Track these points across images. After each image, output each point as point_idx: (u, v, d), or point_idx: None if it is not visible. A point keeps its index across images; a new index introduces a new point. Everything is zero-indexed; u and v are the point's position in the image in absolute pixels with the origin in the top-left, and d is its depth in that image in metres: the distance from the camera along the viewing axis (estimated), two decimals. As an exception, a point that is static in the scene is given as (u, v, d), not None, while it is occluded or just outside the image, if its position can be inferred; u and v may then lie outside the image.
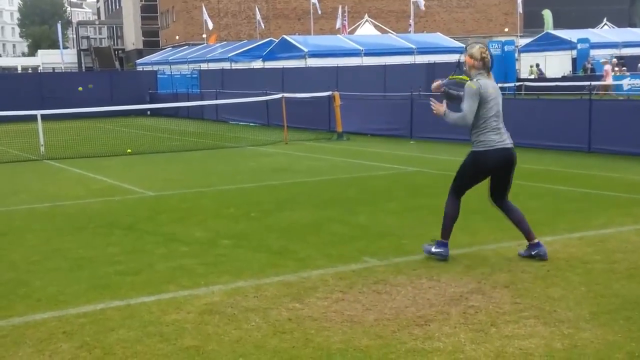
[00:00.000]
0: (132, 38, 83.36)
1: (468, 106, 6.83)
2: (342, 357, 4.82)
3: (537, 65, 42.16)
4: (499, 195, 7.20)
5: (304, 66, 36.85)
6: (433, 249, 7.13)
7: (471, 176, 7.13)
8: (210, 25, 58.65)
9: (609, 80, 33.72)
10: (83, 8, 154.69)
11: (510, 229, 8.45)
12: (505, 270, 6.73)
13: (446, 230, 7.15)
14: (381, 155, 16.62)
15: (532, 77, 40.15)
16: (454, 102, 7.25)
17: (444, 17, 74.95)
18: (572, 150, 16.00)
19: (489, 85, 6.90)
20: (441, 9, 75.04)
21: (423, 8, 51.29)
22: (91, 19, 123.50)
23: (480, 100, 6.82)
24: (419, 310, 5.69)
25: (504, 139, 6.95)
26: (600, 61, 36.39)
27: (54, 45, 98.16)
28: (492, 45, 39.67)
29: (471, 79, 6.94)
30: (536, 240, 7.10)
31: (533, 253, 7.04)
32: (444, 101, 7.25)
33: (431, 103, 7.28)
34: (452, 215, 7.18)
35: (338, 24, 54.53)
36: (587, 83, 29.44)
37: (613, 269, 6.73)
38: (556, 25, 59.99)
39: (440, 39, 45.74)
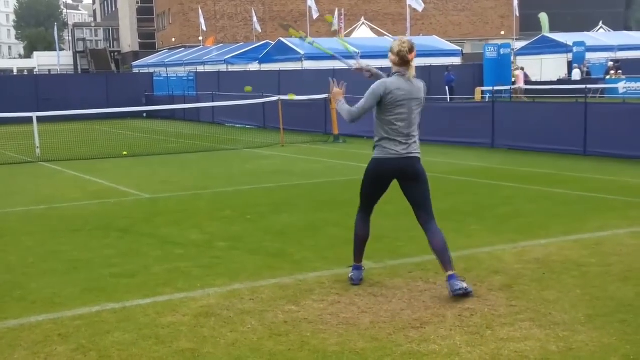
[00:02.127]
0: (128, 40, 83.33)
1: (361, 104, 6.21)
2: (337, 360, 4.83)
3: (522, 68, 42.01)
4: (418, 213, 6.32)
5: (300, 69, 36.88)
6: (349, 274, 6.55)
7: (369, 185, 6.40)
8: (204, 27, 58.59)
9: (521, 85, 33.99)
10: (79, 10, 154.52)
11: (505, 232, 8.48)
12: (501, 273, 6.74)
13: (356, 253, 6.54)
14: (377, 158, 16.63)
15: (512, 80, 40.12)
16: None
17: (440, 20, 75.07)
18: (567, 153, 16.02)
19: (401, 87, 6.11)
20: (437, 12, 75.14)
21: (423, 6, 51.15)
22: (87, 21, 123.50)
23: (382, 103, 6.12)
24: (414, 313, 5.69)
25: (408, 150, 6.15)
26: (513, 67, 36.70)
27: (50, 47, 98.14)
28: (488, 48, 39.80)
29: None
30: (450, 273, 6.08)
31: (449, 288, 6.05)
32: (344, 85, 6.63)
33: (330, 81, 6.71)
34: (360, 235, 6.52)
35: (334, 26, 54.49)
36: (583, 86, 29.57)
37: (608, 271, 6.74)
38: (552, 29, 60.12)
39: (436, 41, 45.84)
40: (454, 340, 5.10)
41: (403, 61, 6.13)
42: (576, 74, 39.81)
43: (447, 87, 32.66)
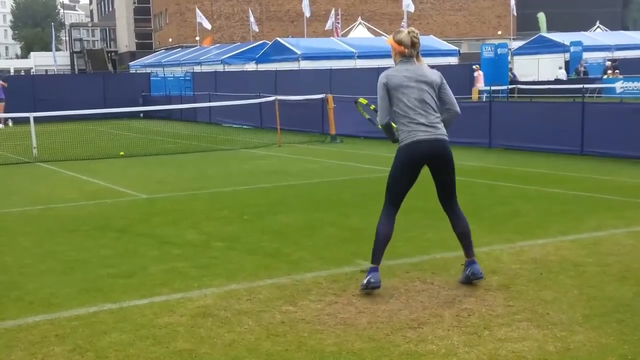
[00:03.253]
0: (125, 40, 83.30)
1: (378, 106, 6.26)
2: (335, 360, 4.82)
3: (510, 69, 41.90)
4: (444, 197, 6.40)
5: (297, 68, 36.87)
6: (367, 279, 6.15)
7: (400, 173, 6.22)
8: (209, 26, 58.55)
9: (480, 86, 33.99)
10: (76, 10, 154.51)
11: (503, 232, 8.48)
12: (498, 273, 6.74)
13: (378, 253, 6.21)
14: (375, 158, 16.62)
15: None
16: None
17: (437, 19, 75.13)
18: (564, 152, 16.03)
19: (402, 71, 6.16)
20: (434, 11, 75.22)
21: (412, 10, 51.32)
22: (84, 21, 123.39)
23: (390, 92, 6.14)
24: (412, 313, 5.69)
25: (436, 133, 6.12)
26: (474, 66, 36.60)
27: (46, 47, 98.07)
28: (485, 48, 39.80)
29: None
30: (472, 258, 6.40)
31: (467, 272, 6.35)
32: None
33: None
34: (384, 233, 6.21)
35: (328, 25, 54.56)
36: (580, 86, 29.60)
37: (606, 271, 6.74)
38: (549, 28, 60.23)
39: (433, 41, 45.80)
40: (452, 340, 5.09)
41: (413, 50, 6.19)
42: (561, 74, 39.96)
43: None
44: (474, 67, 36.25)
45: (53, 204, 11.41)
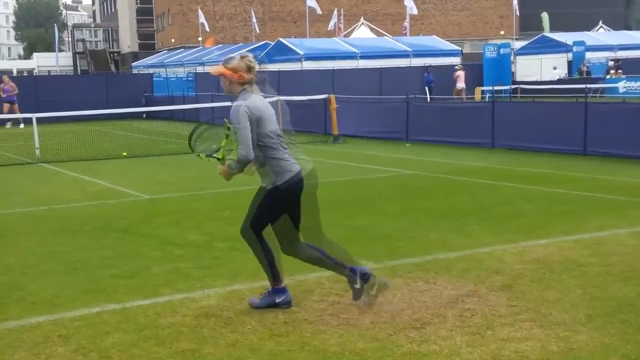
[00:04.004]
0: (128, 41, 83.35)
1: (243, 137, 5.56)
2: (338, 360, 4.82)
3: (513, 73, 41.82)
4: (292, 235, 5.94)
5: (299, 69, 36.88)
6: (277, 300, 5.86)
7: (279, 210, 5.85)
8: (207, 27, 58.60)
9: (460, 85, 33.98)
10: (78, 11, 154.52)
11: (505, 232, 8.47)
12: (501, 273, 6.73)
13: (276, 274, 5.90)
14: (377, 158, 16.63)
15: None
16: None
17: (439, 19, 75.09)
18: (567, 152, 16.00)
19: (257, 100, 5.70)
20: (437, 11, 75.17)
21: (415, 12, 51.39)
22: (86, 21, 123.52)
23: (253, 124, 5.60)
24: (415, 313, 5.69)
25: (298, 163, 5.83)
26: (455, 66, 36.53)
27: (49, 48, 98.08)
28: (487, 48, 39.82)
29: (237, 99, 5.77)
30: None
31: (357, 275, 5.88)
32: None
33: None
34: (271, 257, 5.88)
35: (330, 26, 54.54)
36: (583, 86, 29.58)
37: (608, 271, 6.73)
38: (551, 28, 60.13)
39: (436, 41, 45.84)
40: (455, 340, 5.09)
41: (252, 78, 5.78)
42: (557, 74, 39.94)
43: (426, 88, 32.76)
44: (456, 67, 36.23)
45: (55, 205, 11.42)
